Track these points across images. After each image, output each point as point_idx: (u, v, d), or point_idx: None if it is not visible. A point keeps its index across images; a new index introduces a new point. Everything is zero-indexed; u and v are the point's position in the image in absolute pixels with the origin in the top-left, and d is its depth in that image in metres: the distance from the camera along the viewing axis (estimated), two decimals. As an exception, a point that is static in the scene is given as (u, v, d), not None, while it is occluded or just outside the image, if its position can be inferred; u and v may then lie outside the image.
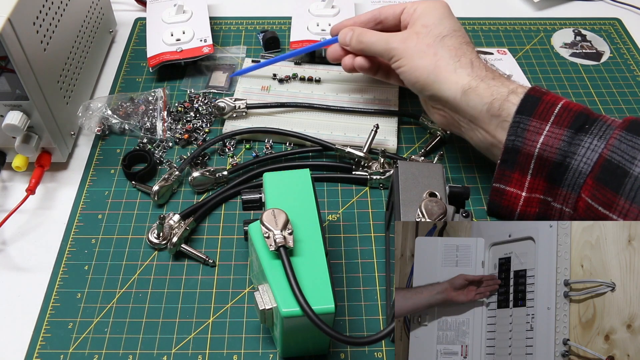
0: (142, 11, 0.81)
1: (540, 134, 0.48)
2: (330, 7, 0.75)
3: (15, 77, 0.51)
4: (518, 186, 0.51)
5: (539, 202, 0.51)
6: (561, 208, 0.49)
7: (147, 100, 0.66)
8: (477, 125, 0.52)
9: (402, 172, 0.48)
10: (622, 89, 0.72)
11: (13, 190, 0.59)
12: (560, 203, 0.49)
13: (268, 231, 0.42)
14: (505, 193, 0.52)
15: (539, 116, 0.49)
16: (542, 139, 0.48)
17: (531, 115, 0.49)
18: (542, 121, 0.48)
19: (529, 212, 0.51)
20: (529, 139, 0.49)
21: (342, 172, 0.61)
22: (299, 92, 0.68)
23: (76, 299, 0.51)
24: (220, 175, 0.58)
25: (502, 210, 0.53)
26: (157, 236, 0.54)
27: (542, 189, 0.50)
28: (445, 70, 0.52)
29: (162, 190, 0.56)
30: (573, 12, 0.84)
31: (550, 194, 0.50)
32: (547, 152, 0.48)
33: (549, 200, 0.50)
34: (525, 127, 0.49)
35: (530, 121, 0.49)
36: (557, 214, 0.50)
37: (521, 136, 0.49)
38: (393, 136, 0.62)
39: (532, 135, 0.48)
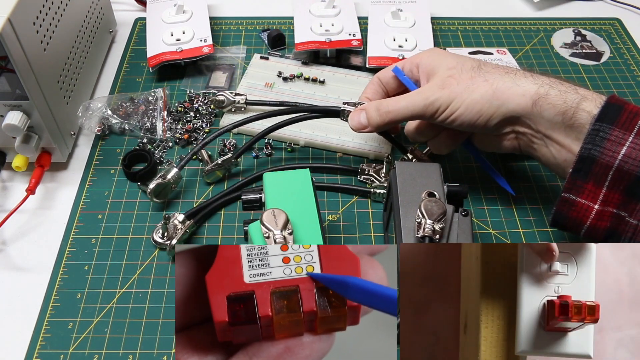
0: (142, 11, 0.81)
1: (623, 144, 0.45)
2: (331, 7, 0.75)
3: (15, 77, 0.51)
4: (590, 198, 0.46)
5: (611, 216, 0.46)
6: (637, 224, 0.45)
7: (147, 100, 0.66)
8: (550, 139, 0.49)
9: (400, 173, 0.48)
10: (622, 89, 0.72)
11: (13, 190, 0.59)
12: (637, 219, 0.45)
13: (268, 231, 0.42)
14: (575, 204, 0.47)
15: (622, 126, 0.45)
16: (625, 150, 0.44)
17: (613, 124, 0.45)
18: (625, 131, 0.45)
19: (599, 226, 0.47)
20: (609, 149, 0.45)
21: (344, 174, 0.61)
22: (302, 91, 0.68)
23: (76, 299, 0.51)
24: (226, 160, 0.59)
25: (568, 222, 0.48)
26: (161, 236, 0.54)
27: (617, 203, 0.46)
28: (506, 89, 0.49)
29: (157, 188, 0.56)
30: (573, 12, 0.84)
31: (626, 208, 0.45)
32: (628, 164, 0.44)
33: (623, 215, 0.46)
34: (605, 136, 0.45)
35: (612, 130, 0.45)
36: (630, 231, 0.46)
37: (600, 145, 0.45)
38: (388, 144, 0.63)
39: (612, 145, 0.45)
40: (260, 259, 0.37)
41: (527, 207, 0.59)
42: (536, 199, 0.59)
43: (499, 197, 0.59)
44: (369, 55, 0.70)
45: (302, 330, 0.37)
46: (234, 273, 0.36)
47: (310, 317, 0.36)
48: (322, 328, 0.37)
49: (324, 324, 0.37)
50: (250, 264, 0.37)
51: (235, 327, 0.36)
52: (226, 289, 0.36)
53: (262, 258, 0.37)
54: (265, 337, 0.37)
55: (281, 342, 0.37)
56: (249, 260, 0.37)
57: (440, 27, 0.80)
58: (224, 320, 0.35)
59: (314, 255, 0.37)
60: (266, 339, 0.37)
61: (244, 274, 0.37)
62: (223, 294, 0.36)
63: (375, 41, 0.72)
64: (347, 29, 0.72)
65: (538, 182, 0.61)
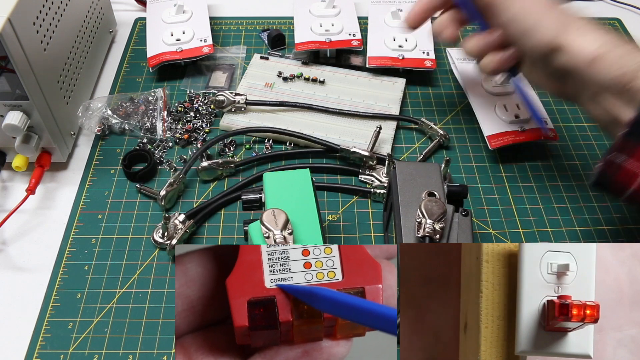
0: (142, 11, 0.81)
1: None
2: (331, 7, 0.75)
3: (15, 77, 0.51)
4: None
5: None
6: None
7: (147, 100, 0.66)
8: (600, 99, 0.47)
9: (400, 173, 0.48)
10: (622, 89, 0.71)
11: (13, 190, 0.59)
12: None
13: (268, 231, 0.42)
14: (623, 168, 0.45)
15: None
16: None
17: None
18: None
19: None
20: None
21: (343, 174, 0.61)
22: (302, 91, 0.68)
23: (76, 299, 0.51)
24: (227, 161, 0.59)
25: (612, 185, 0.46)
26: (162, 236, 0.54)
27: None
28: (572, 27, 0.48)
29: (168, 194, 0.56)
30: (573, 12, 0.84)
31: None
32: None
33: None
34: None
35: None
36: None
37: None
38: (388, 144, 0.63)
39: None
40: (282, 264, 0.37)
41: (528, 207, 0.59)
42: (536, 199, 0.59)
43: (499, 197, 0.59)
44: (369, 55, 0.70)
45: (321, 336, 0.37)
46: (254, 277, 0.36)
47: (330, 323, 0.36)
48: (341, 333, 0.37)
49: (344, 329, 0.37)
50: (271, 269, 0.37)
51: (255, 332, 0.35)
52: (247, 294, 0.36)
53: (284, 263, 0.37)
54: (284, 341, 0.37)
55: (299, 346, 0.37)
56: (270, 265, 0.37)
57: (440, 27, 0.80)
58: (244, 325, 0.35)
59: (335, 261, 0.37)
60: (284, 343, 0.37)
61: (264, 278, 0.36)
62: (244, 298, 0.36)
63: (375, 41, 0.72)
64: (347, 29, 0.72)
65: (538, 182, 0.61)
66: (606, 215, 0.58)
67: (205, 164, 0.58)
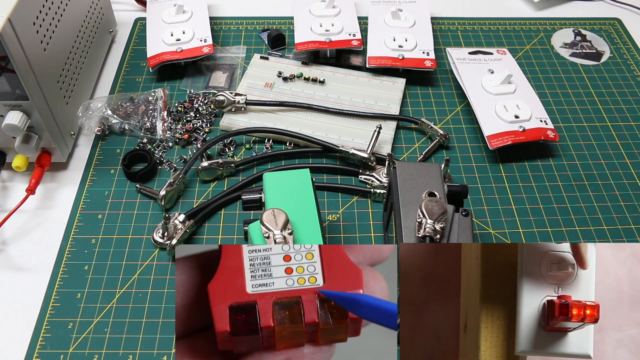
0: (142, 11, 0.81)
1: None
2: (331, 7, 0.75)
3: (15, 77, 0.51)
4: None
5: None
6: None
7: (147, 100, 0.66)
8: None
9: (400, 173, 0.48)
10: (622, 89, 0.72)
11: (13, 190, 0.59)
12: None
13: (268, 231, 0.42)
14: None
15: None
16: None
17: None
18: None
19: None
20: None
21: (343, 175, 0.61)
22: (302, 91, 0.68)
23: (76, 299, 0.51)
24: (227, 161, 0.59)
25: None
26: (162, 236, 0.54)
27: None
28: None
29: (168, 194, 0.56)
30: (573, 12, 0.84)
31: None
32: None
33: None
34: None
35: None
36: None
37: None
38: (388, 144, 0.62)
39: None
40: (263, 269, 0.37)
41: (527, 207, 0.59)
42: (536, 199, 0.59)
43: (499, 197, 0.59)
44: (369, 55, 0.70)
45: (303, 341, 0.37)
46: (236, 283, 0.36)
47: (311, 329, 0.36)
48: (323, 339, 0.37)
49: (326, 335, 0.37)
50: (252, 274, 0.37)
51: (237, 337, 0.36)
52: (228, 299, 0.36)
53: (265, 268, 0.37)
54: (266, 347, 0.37)
55: (282, 353, 0.37)
56: (252, 271, 0.37)
57: (440, 27, 0.80)
58: (226, 330, 0.35)
59: (317, 267, 0.37)
60: (267, 349, 0.37)
61: (246, 284, 0.36)
62: (225, 303, 0.36)
63: (375, 41, 0.72)
64: (347, 29, 0.72)
65: (538, 182, 0.61)
66: (606, 215, 0.58)
67: (205, 164, 0.58)
